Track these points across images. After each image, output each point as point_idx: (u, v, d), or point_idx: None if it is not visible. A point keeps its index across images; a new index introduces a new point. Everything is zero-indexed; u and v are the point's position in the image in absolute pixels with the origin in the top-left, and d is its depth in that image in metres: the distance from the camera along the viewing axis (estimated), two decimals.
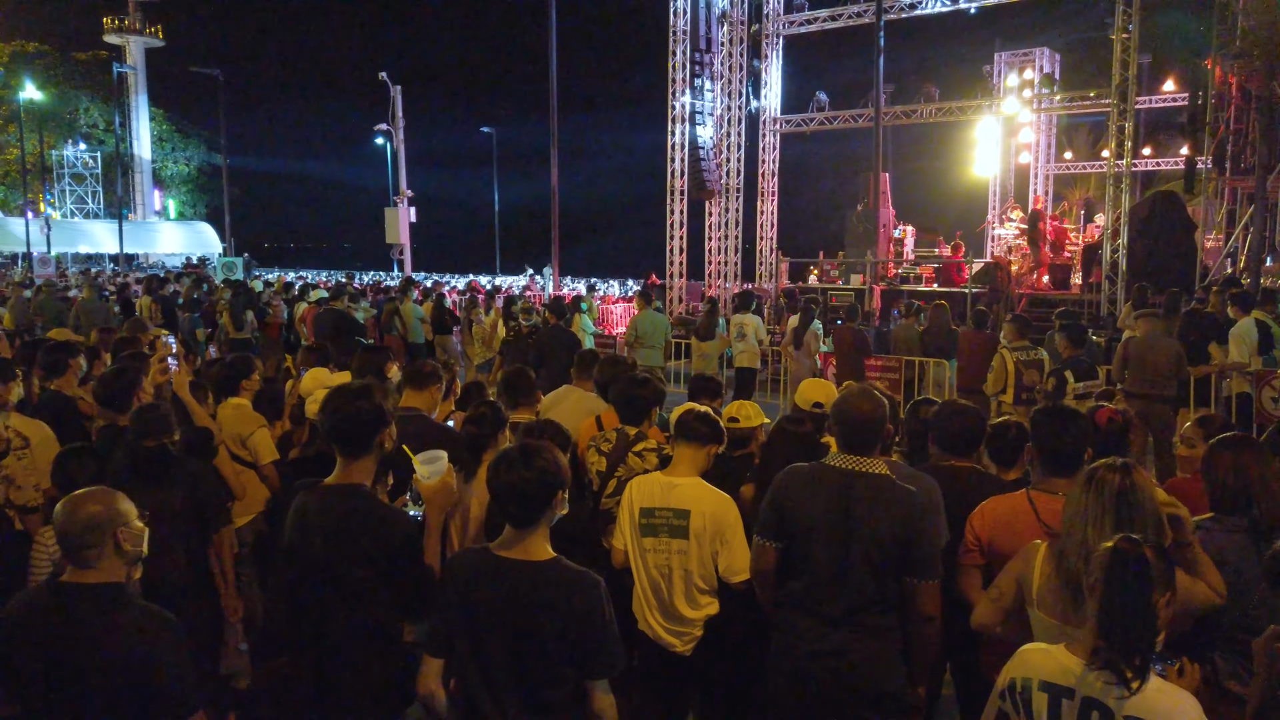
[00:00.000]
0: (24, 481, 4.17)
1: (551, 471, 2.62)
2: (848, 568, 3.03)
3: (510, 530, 2.67)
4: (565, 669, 2.59)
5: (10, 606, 2.56)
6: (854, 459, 3.12)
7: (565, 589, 2.58)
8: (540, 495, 2.60)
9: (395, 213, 26.84)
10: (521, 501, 2.59)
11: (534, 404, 5.14)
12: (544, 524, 2.66)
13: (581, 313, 11.77)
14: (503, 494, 2.61)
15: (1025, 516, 3.11)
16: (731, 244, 21.40)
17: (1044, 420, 3.23)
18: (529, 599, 2.58)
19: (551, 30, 19.36)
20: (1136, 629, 2.01)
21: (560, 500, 2.67)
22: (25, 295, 14.71)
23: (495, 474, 2.63)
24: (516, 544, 2.65)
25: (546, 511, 2.64)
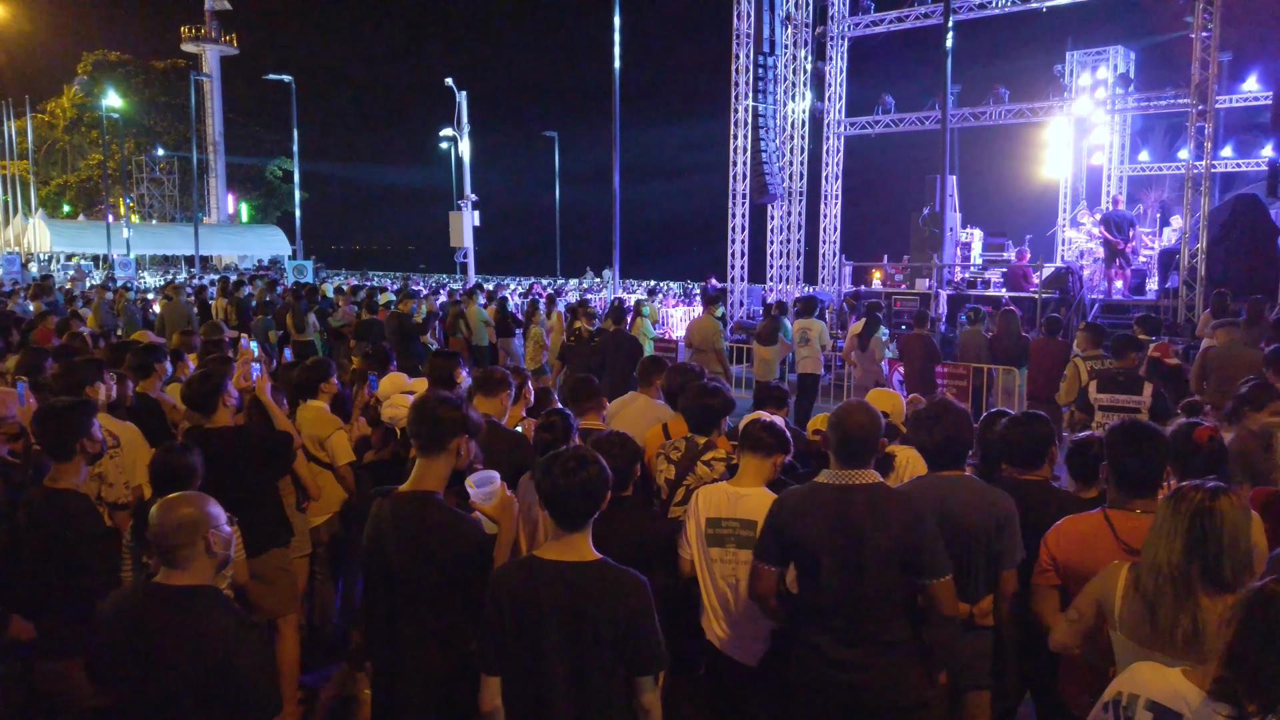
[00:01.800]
0: (115, 479, 4.32)
1: (599, 474, 2.71)
2: (857, 582, 3.04)
3: (556, 532, 2.75)
4: (616, 666, 2.67)
5: (108, 604, 2.68)
6: (847, 473, 3.12)
7: (614, 588, 2.66)
8: (589, 497, 2.70)
9: (459, 216, 27.17)
10: (574, 503, 2.68)
11: (600, 410, 5.18)
12: (590, 525, 2.75)
13: (643, 317, 11.79)
14: (552, 497, 2.70)
15: (1103, 536, 3.04)
16: (793, 248, 21.25)
17: (1120, 438, 3.13)
18: (580, 599, 2.65)
19: (615, 34, 19.48)
20: (1269, 671, 1.93)
21: (605, 501, 2.77)
22: (108, 298, 15.28)
23: (544, 477, 2.70)
24: (564, 546, 2.73)
25: (595, 513, 2.74)
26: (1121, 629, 2.59)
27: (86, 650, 3.00)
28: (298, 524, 4.84)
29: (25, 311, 13.62)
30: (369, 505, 3.25)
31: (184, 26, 56.84)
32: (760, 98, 19.40)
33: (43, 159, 56.06)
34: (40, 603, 3.29)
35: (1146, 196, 22.73)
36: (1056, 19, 21.44)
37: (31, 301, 15.35)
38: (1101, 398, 6.38)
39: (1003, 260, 18.97)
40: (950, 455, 3.47)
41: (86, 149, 56.89)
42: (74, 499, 3.56)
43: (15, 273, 30.62)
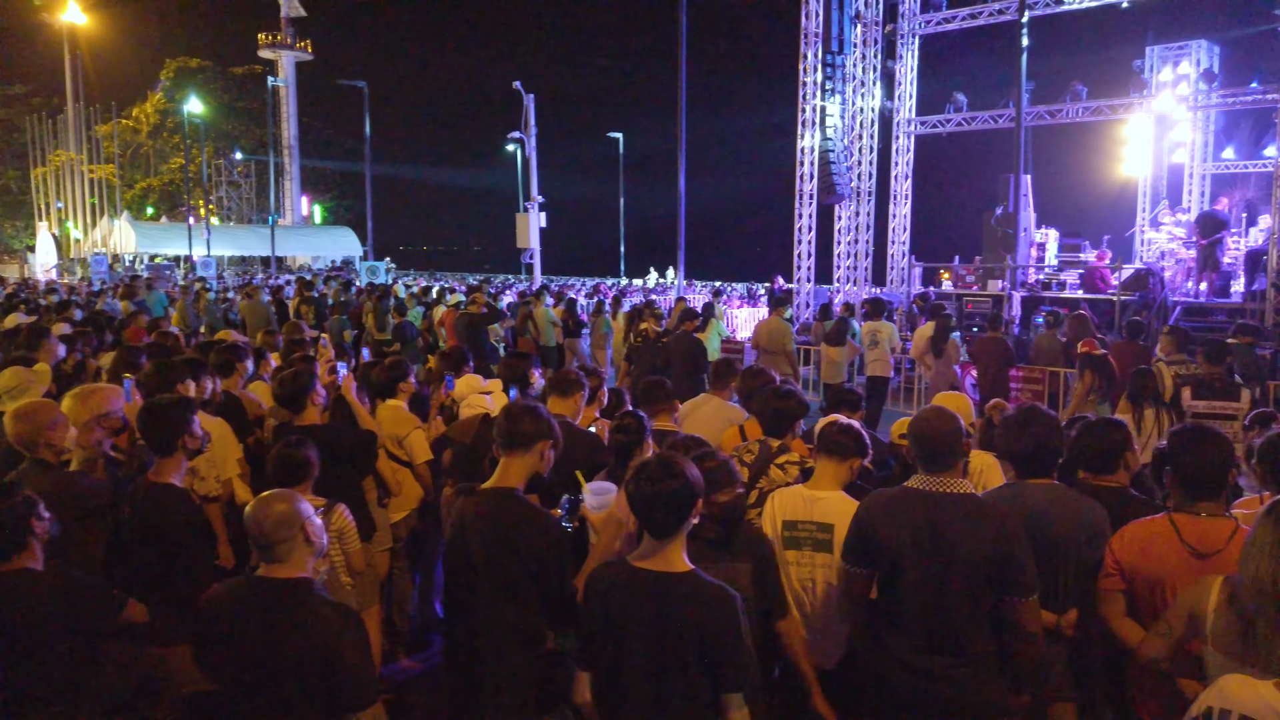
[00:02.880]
0: (206, 473, 4.49)
1: (693, 480, 2.68)
2: (941, 592, 3.00)
3: (649, 540, 2.73)
4: (701, 681, 2.62)
5: (212, 595, 2.81)
6: (937, 479, 3.09)
7: (703, 601, 2.62)
8: (682, 505, 2.66)
9: (525, 218, 27.49)
10: (664, 511, 2.65)
11: (672, 412, 5.21)
12: (682, 534, 2.71)
13: (714, 318, 11.78)
14: (643, 504, 2.67)
15: (1167, 539, 2.99)
16: (861, 248, 21.01)
17: (1182, 440, 3.08)
18: (667, 610, 2.63)
19: (681, 34, 19.49)
20: None
21: (697, 510, 2.73)
22: (194, 298, 15.83)
23: (635, 484, 2.69)
24: (655, 555, 2.71)
25: (686, 521, 2.70)
26: (1214, 644, 2.53)
27: (191, 637, 3.14)
28: (379, 519, 4.97)
29: (114, 310, 14.18)
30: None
31: (261, 33, 58.56)
32: (828, 96, 19.23)
33: (128, 163, 58.26)
34: (147, 590, 3.45)
35: (1231, 195, 21.88)
36: (1136, 13, 20.75)
37: (120, 301, 15.97)
38: (1197, 404, 6.21)
39: (1079, 261, 18.49)
40: (1039, 463, 3.41)
41: (169, 153, 58.99)
42: (174, 493, 3.72)
43: (103, 273, 31.88)
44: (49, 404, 4.02)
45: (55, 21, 48.03)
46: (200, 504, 4.41)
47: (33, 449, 3.79)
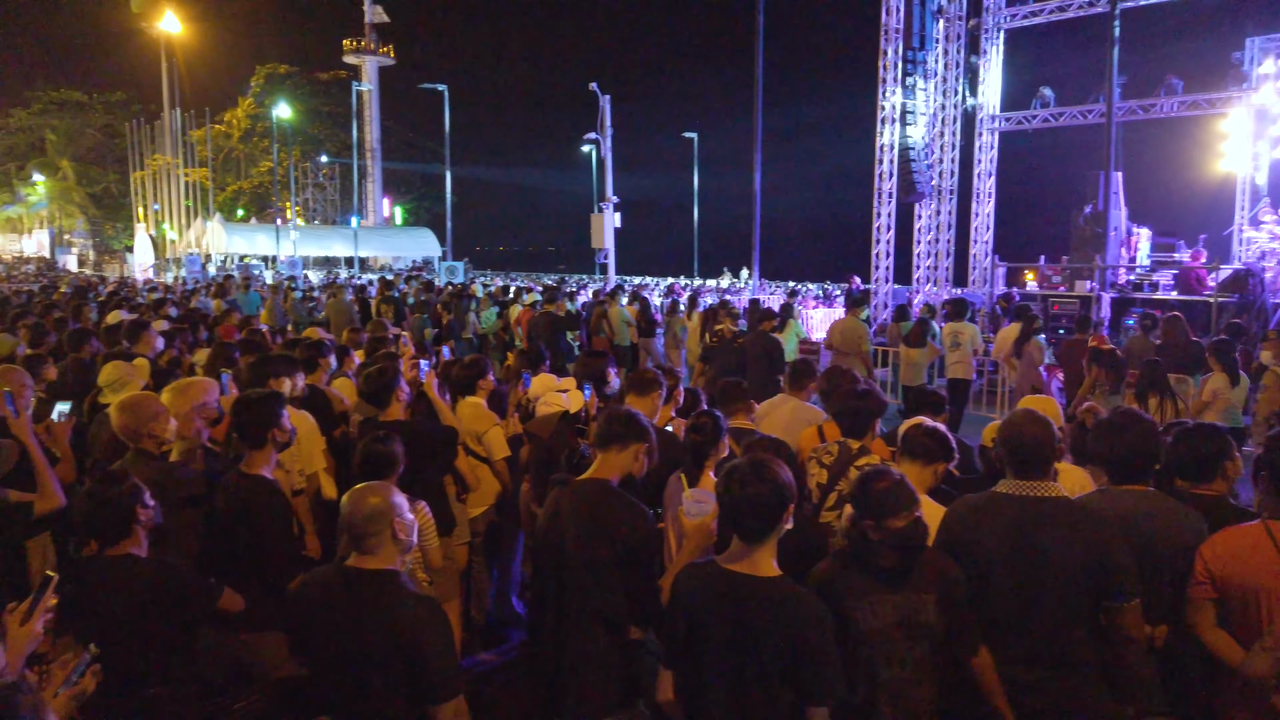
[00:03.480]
0: (291, 467, 4.60)
1: (783, 486, 2.63)
2: (1034, 600, 2.90)
3: (738, 544, 2.70)
4: (783, 690, 2.58)
5: (301, 583, 2.89)
6: (1029, 484, 2.99)
7: (789, 609, 2.58)
8: (772, 509, 2.62)
9: (600, 218, 27.66)
10: (754, 515, 2.62)
11: (749, 412, 5.18)
12: (772, 538, 2.67)
13: (792, 319, 11.67)
14: (735, 508, 2.64)
15: (1263, 548, 2.87)
16: (943, 248, 20.57)
17: (1278, 445, 2.98)
18: (751, 614, 2.59)
19: (758, 32, 19.35)
20: None
21: (789, 515, 2.68)
22: (281, 297, 16.36)
23: (727, 487, 2.66)
24: (743, 558, 2.67)
25: (777, 526, 2.66)
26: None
27: (281, 624, 3.24)
28: (459, 514, 5.06)
29: (206, 308, 14.75)
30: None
31: (346, 40, 60.20)
32: (909, 93, 18.88)
33: (220, 167, 60.48)
34: (238, 578, 3.57)
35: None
36: (1235, 4, 19.89)
37: (213, 300, 16.60)
38: None
39: (1173, 261, 17.77)
40: (1134, 469, 3.28)
41: (258, 157, 61.06)
42: (265, 484, 3.84)
43: (196, 272, 33.17)
44: (152, 396, 4.18)
45: (153, 31, 50.15)
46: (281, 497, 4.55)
47: (136, 440, 3.95)
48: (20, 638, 2.23)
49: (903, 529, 2.84)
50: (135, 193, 61.09)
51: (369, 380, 4.69)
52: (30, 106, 67.59)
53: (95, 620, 2.81)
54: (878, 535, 2.80)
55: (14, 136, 71.04)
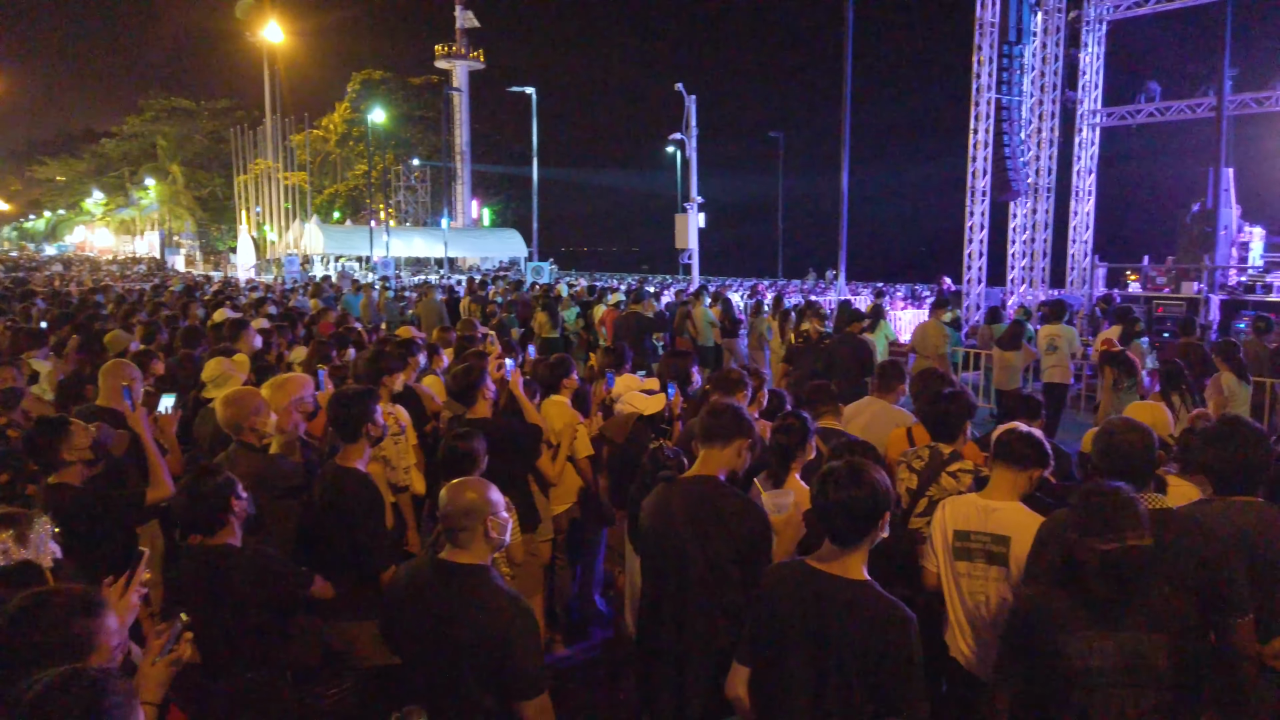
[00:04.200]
0: (398, 463, 4.71)
1: (882, 491, 2.59)
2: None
3: (829, 546, 2.66)
4: (862, 698, 2.52)
5: (399, 573, 2.96)
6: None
7: (872, 615, 2.52)
8: (869, 514, 2.58)
9: (684, 218, 27.64)
10: (848, 520, 2.58)
11: (836, 414, 5.11)
12: (866, 544, 2.63)
13: (882, 320, 11.46)
14: (831, 511, 2.60)
15: None
16: (1038, 248, 19.91)
17: None
18: (835, 616, 2.56)
19: (848, 29, 19.05)
20: None
21: (885, 522, 2.63)
22: (374, 296, 16.83)
23: (823, 491, 2.61)
24: (834, 560, 2.64)
25: (871, 532, 2.61)
26: None
27: (372, 613, 3.32)
28: (543, 510, 5.12)
29: (304, 307, 15.26)
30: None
31: (438, 45, 61.52)
32: (1005, 89, 18.34)
33: (317, 170, 62.53)
34: (333, 568, 3.68)
35: None
36: None
37: (310, 299, 17.17)
38: None
39: None
40: (1243, 479, 3.11)
41: (353, 160, 62.92)
42: (358, 477, 3.95)
43: (295, 272, 34.37)
44: (254, 391, 4.35)
45: (256, 40, 52.19)
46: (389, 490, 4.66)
47: (239, 433, 4.11)
48: (120, 610, 2.35)
49: (1110, 554, 2.47)
50: (239, 196, 63.70)
51: (456, 378, 4.79)
52: (143, 114, 71.25)
53: (195, 605, 2.92)
54: (1083, 556, 2.52)
55: (128, 142, 75.00)
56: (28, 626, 1.91)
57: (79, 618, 1.95)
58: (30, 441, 3.82)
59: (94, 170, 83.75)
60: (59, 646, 1.91)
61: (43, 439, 3.77)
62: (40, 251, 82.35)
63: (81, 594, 2.04)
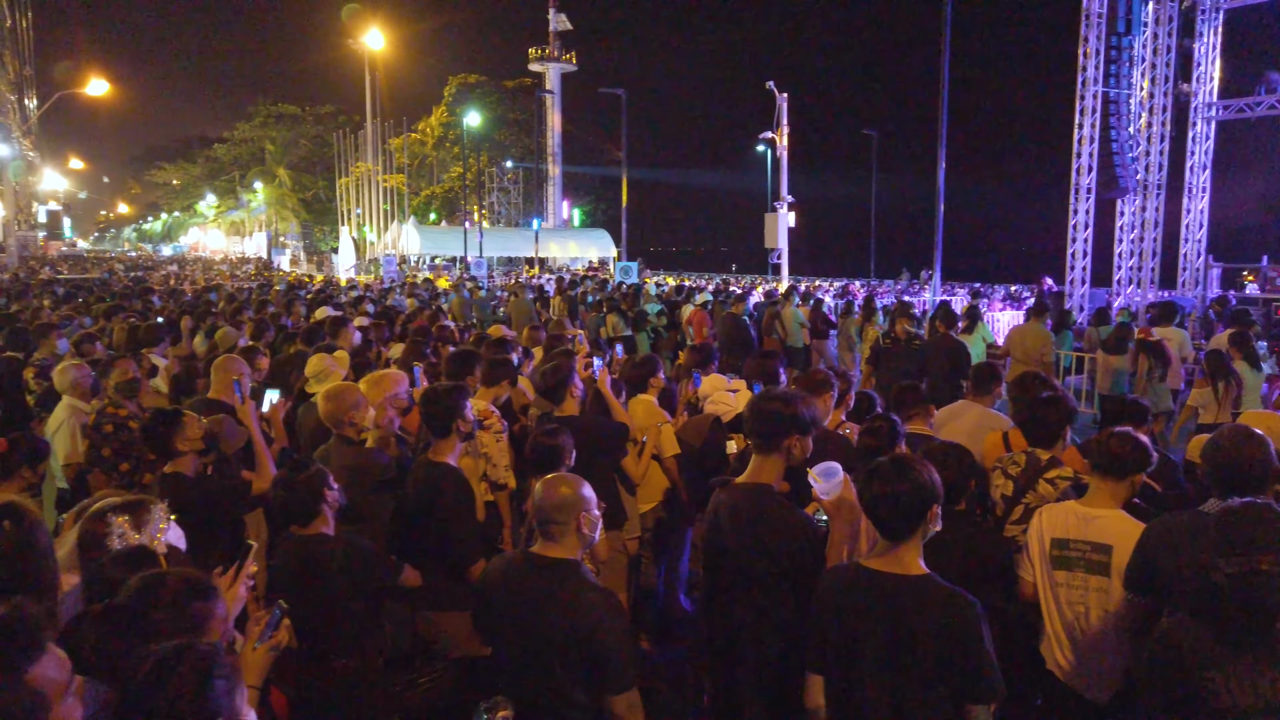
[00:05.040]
0: (498, 460, 4.77)
1: (925, 485, 2.60)
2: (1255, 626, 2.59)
3: (882, 542, 2.68)
4: (939, 690, 2.53)
5: (493, 566, 3.03)
6: None
7: (939, 606, 2.54)
8: (913, 508, 2.59)
9: (774, 217, 27.45)
10: (895, 513, 2.60)
11: (927, 418, 5.00)
12: (918, 537, 2.64)
13: (979, 322, 11.14)
14: (875, 505, 2.63)
15: None
16: (1147, 247, 19.04)
17: None
18: (901, 613, 2.56)
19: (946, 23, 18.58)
20: None
21: (934, 515, 2.63)
22: (466, 295, 17.21)
23: (867, 485, 2.65)
24: (888, 555, 2.65)
25: (920, 525, 2.62)
26: None
27: (462, 605, 3.40)
28: (630, 508, 5.15)
29: (401, 306, 15.70)
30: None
31: (531, 48, 62.49)
32: (1112, 81, 17.61)
33: (415, 172, 64.22)
34: (424, 559, 3.78)
35: None
36: None
37: (406, 298, 17.66)
38: None
39: None
40: None
41: (449, 163, 64.43)
42: (447, 471, 4.05)
43: (393, 272, 35.38)
44: (353, 387, 4.51)
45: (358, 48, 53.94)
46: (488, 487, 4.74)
47: (338, 427, 4.27)
48: (228, 599, 2.47)
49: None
50: (340, 198, 65.92)
51: (545, 376, 4.86)
52: (252, 119, 74.46)
53: (293, 592, 3.04)
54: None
55: (239, 147, 78.56)
56: (147, 603, 2.02)
57: (194, 599, 2.06)
58: (148, 432, 4.04)
59: (207, 174, 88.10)
60: (173, 624, 2.01)
61: (159, 429, 3.98)
62: (157, 252, 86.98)
63: (197, 578, 2.15)
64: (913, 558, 2.63)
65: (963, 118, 56.25)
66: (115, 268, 39.98)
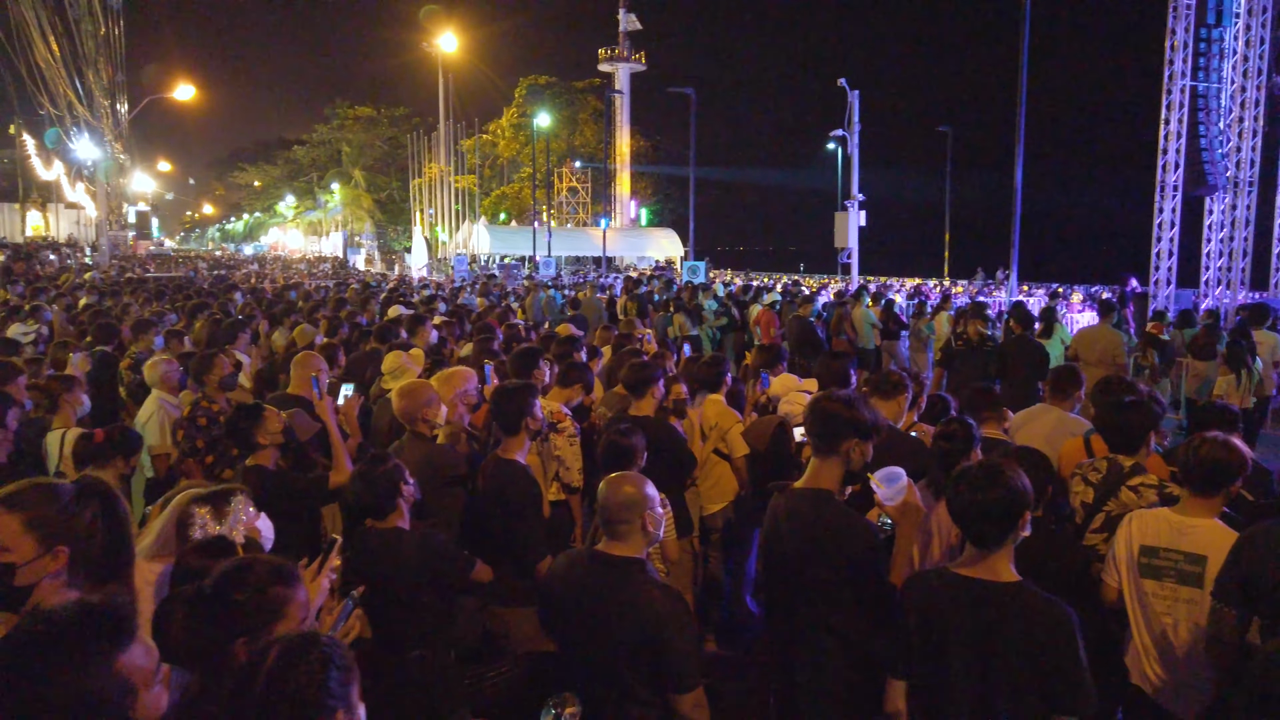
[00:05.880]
0: (572, 463, 4.78)
1: (1017, 491, 2.55)
2: None
3: (971, 549, 2.63)
4: (1029, 699, 2.48)
5: (557, 563, 3.06)
6: None
7: (1033, 615, 2.49)
8: (1005, 515, 2.54)
9: (845, 216, 27.09)
10: (986, 521, 2.55)
11: (1001, 421, 4.88)
12: (1009, 544, 2.59)
13: (1057, 323, 10.82)
14: (965, 512, 2.59)
15: None
16: (1238, 246, 18.28)
17: None
18: (994, 621, 2.51)
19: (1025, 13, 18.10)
20: None
21: (1024, 522, 2.58)
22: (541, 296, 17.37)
23: (956, 492, 2.60)
24: (979, 563, 2.60)
25: (1012, 532, 2.57)
26: None
27: (529, 600, 3.44)
28: (695, 510, 5.14)
29: (471, 305, 15.92)
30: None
31: (601, 49, 62.77)
32: (1201, 75, 16.95)
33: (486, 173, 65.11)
34: (493, 554, 3.83)
35: None
36: None
37: (477, 297, 17.90)
38: None
39: None
40: None
41: (519, 163, 65.16)
42: (517, 469, 4.10)
43: (464, 271, 35.92)
44: (427, 384, 4.59)
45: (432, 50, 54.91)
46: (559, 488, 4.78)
47: (412, 423, 4.35)
48: (311, 591, 2.53)
49: None
50: (413, 198, 67.19)
51: (634, 369, 4.88)
52: (330, 122, 76.38)
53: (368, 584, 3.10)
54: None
55: (317, 150, 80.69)
56: (232, 587, 2.09)
57: (276, 584, 2.11)
58: (231, 425, 4.18)
59: (286, 176, 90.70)
60: (255, 608, 2.07)
61: (241, 423, 4.12)
62: (239, 251, 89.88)
63: (280, 564, 2.20)
64: (1004, 564, 2.59)
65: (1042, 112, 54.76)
66: (199, 266, 41.42)
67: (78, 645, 1.65)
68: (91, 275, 23.56)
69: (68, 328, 10.23)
